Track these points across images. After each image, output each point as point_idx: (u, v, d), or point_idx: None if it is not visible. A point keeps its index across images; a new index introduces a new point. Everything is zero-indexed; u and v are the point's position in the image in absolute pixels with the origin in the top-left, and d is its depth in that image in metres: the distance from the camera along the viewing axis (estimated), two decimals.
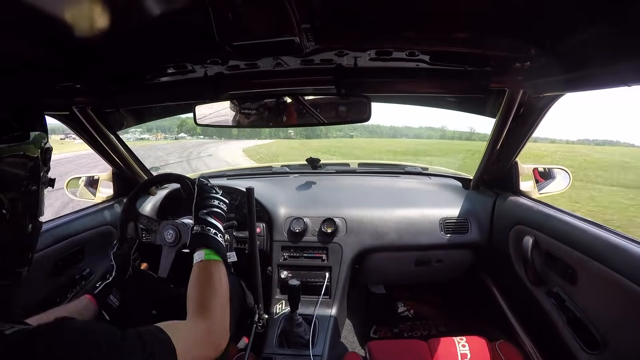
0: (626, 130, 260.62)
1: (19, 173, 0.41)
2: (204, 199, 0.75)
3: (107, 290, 0.78)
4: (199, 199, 0.75)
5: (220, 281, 0.62)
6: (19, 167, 0.41)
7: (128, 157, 1.28)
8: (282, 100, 0.91)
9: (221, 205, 0.76)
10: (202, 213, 0.72)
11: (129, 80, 0.90)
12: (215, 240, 0.67)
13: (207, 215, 0.71)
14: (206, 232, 0.68)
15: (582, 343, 0.76)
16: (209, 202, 0.74)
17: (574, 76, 0.61)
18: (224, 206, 0.77)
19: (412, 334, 1.51)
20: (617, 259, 0.67)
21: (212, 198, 0.75)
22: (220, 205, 0.76)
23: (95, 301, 0.75)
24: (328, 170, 1.64)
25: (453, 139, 69.20)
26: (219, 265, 0.64)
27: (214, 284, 0.61)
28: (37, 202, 0.45)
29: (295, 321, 1.04)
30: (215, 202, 0.75)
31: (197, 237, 0.67)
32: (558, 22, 0.57)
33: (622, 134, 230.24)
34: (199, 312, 0.56)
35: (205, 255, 0.64)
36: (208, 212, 0.72)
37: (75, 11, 0.52)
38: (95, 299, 0.75)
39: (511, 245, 1.08)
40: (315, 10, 0.55)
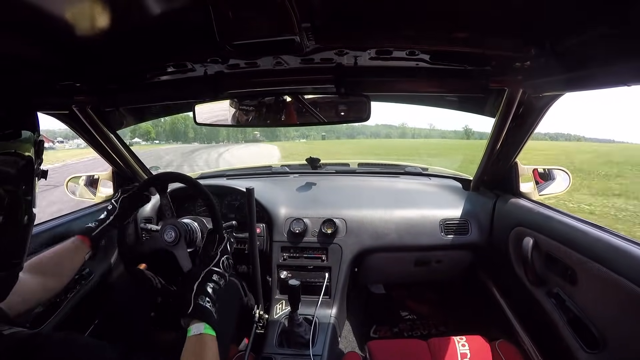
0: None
1: (14, 168, 0.42)
2: (216, 272, 0.72)
3: (103, 233, 0.79)
4: (212, 269, 0.72)
5: (212, 357, 0.60)
6: (14, 162, 0.42)
7: (128, 157, 1.28)
8: (282, 100, 0.91)
9: (223, 285, 0.73)
10: (208, 285, 0.69)
11: (128, 79, 0.90)
12: (213, 316, 0.65)
13: (211, 289, 0.69)
14: (207, 305, 0.65)
15: (582, 342, 0.76)
16: (217, 279, 0.71)
17: (573, 76, 0.61)
18: (224, 284, 0.74)
19: (411, 333, 1.51)
20: (617, 261, 0.67)
21: (222, 276, 0.72)
22: (222, 285, 0.73)
23: (89, 242, 0.76)
24: (328, 170, 1.64)
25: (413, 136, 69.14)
26: (213, 341, 0.62)
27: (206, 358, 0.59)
28: (31, 194, 0.45)
29: (296, 321, 1.04)
30: (221, 282, 0.72)
31: (198, 308, 0.64)
32: (558, 22, 0.57)
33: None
34: None
35: (204, 329, 0.62)
36: (212, 288, 0.69)
37: (75, 10, 0.52)
38: (89, 240, 0.76)
39: (511, 247, 1.08)
40: (316, 10, 0.55)
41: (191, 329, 0.62)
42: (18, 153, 0.42)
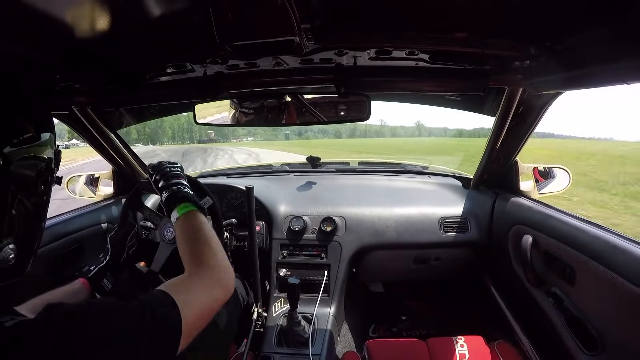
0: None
1: (33, 173, 0.42)
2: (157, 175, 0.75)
3: (101, 273, 0.79)
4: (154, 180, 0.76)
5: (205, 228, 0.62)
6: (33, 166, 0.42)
7: (128, 156, 1.28)
8: (282, 100, 0.91)
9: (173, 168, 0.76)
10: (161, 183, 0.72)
11: (128, 79, 0.90)
12: (182, 192, 0.67)
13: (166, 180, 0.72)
14: (173, 191, 0.68)
15: (581, 343, 0.76)
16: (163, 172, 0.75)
17: (573, 74, 0.61)
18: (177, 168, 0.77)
19: (410, 333, 1.52)
20: (616, 260, 0.67)
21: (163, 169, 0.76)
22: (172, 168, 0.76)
23: (89, 284, 0.75)
24: (328, 168, 1.64)
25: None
26: (197, 214, 0.64)
27: (200, 231, 0.60)
28: (47, 200, 0.46)
29: (295, 319, 1.05)
30: (166, 169, 0.75)
31: (167, 200, 0.68)
32: (558, 21, 0.57)
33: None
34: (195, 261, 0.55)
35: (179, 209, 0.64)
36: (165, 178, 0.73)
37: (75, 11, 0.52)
38: (88, 282, 0.76)
39: (510, 245, 1.08)
40: (315, 10, 0.55)
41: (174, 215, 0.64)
42: (37, 157, 0.42)
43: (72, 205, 1.23)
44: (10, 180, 0.39)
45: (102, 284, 0.77)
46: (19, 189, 0.40)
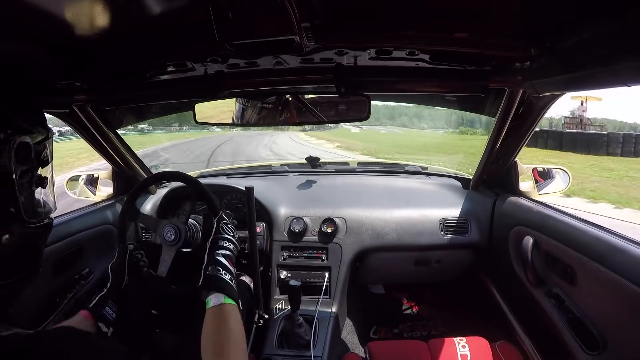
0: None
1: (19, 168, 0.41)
2: (220, 238, 0.71)
3: (103, 302, 0.77)
4: (216, 236, 0.72)
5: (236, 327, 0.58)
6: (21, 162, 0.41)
7: (128, 156, 1.28)
8: (282, 99, 0.91)
9: (234, 250, 0.72)
10: (217, 254, 0.68)
11: (129, 78, 0.90)
12: (229, 284, 0.63)
13: (221, 257, 0.67)
14: (221, 275, 0.64)
15: (582, 344, 0.76)
16: (225, 244, 0.70)
17: (573, 76, 0.61)
18: (236, 250, 0.73)
19: (412, 334, 1.51)
20: (616, 260, 0.67)
21: (228, 240, 0.72)
22: (234, 250, 0.72)
23: (91, 315, 0.73)
24: (328, 169, 1.64)
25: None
26: (234, 310, 0.60)
27: (230, 330, 0.57)
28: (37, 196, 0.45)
29: (296, 321, 1.04)
30: (230, 246, 0.71)
31: (211, 279, 0.63)
32: (558, 22, 0.57)
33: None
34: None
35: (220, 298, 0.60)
36: (224, 255, 0.68)
37: (76, 9, 0.52)
38: (90, 313, 0.73)
39: (511, 246, 1.08)
40: (316, 10, 0.55)
41: (209, 301, 0.60)
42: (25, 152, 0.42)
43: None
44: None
45: (104, 312, 0.75)
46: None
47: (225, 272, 0.65)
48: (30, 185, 0.44)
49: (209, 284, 0.62)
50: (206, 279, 0.63)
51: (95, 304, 0.76)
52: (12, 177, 0.41)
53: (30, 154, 0.44)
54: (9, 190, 0.41)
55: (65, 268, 1.02)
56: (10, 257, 0.41)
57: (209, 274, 0.64)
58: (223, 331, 0.56)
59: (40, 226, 0.46)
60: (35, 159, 0.45)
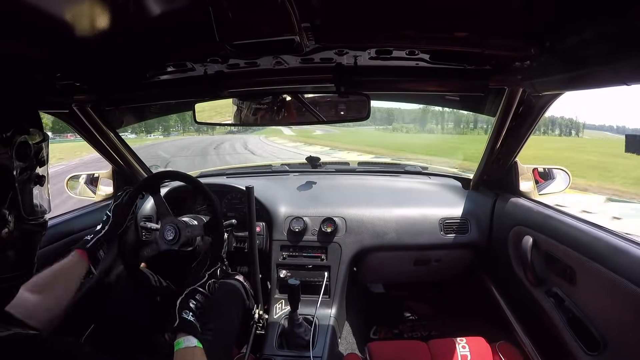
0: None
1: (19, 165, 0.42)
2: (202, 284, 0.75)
3: (99, 244, 0.78)
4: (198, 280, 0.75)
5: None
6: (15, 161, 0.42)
7: (128, 155, 1.28)
8: (282, 98, 0.91)
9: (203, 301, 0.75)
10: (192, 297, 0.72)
11: (129, 78, 0.90)
12: (197, 328, 0.68)
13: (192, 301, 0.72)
14: (190, 319, 0.68)
15: (582, 344, 0.76)
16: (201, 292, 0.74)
17: (573, 75, 0.61)
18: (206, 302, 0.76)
19: (412, 334, 1.51)
20: (616, 260, 0.67)
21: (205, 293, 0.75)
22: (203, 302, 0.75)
23: (87, 255, 0.75)
24: (328, 169, 1.64)
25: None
26: (202, 354, 0.64)
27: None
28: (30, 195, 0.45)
29: (296, 321, 1.04)
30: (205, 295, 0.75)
31: (184, 322, 0.67)
32: (558, 21, 0.57)
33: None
34: None
35: (190, 342, 0.64)
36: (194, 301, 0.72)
37: (75, 10, 0.52)
38: (86, 254, 0.75)
39: (511, 246, 1.08)
40: (316, 10, 0.55)
41: (178, 343, 0.63)
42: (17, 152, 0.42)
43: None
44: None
45: (98, 255, 0.76)
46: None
47: (194, 317, 0.69)
48: (29, 183, 0.45)
49: (181, 326, 0.66)
50: (181, 321, 0.67)
51: (93, 244, 0.77)
52: (12, 174, 0.42)
53: (29, 152, 0.45)
54: (9, 185, 0.41)
55: None
56: (7, 253, 0.42)
57: (182, 316, 0.68)
58: None
59: (36, 224, 0.47)
60: (34, 158, 0.46)
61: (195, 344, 0.63)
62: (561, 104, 3.47)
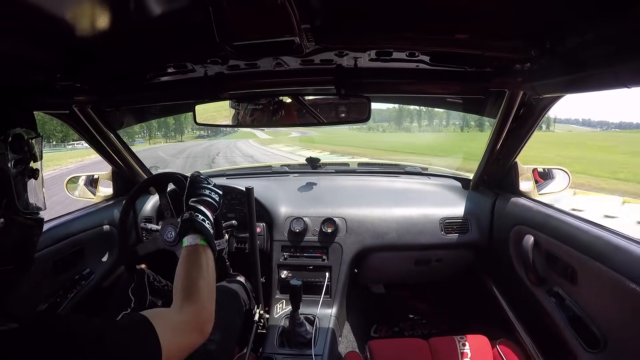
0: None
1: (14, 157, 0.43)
2: (195, 189, 0.75)
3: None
4: (190, 190, 0.75)
5: (207, 266, 0.63)
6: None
7: (128, 157, 1.28)
8: (282, 100, 0.91)
9: (213, 195, 0.75)
10: (192, 201, 0.72)
11: (129, 79, 0.90)
12: (203, 225, 0.68)
13: (196, 203, 0.72)
14: (194, 218, 0.68)
15: (583, 342, 0.76)
16: (200, 192, 0.74)
17: (574, 77, 0.61)
18: (216, 196, 0.76)
19: (412, 332, 1.51)
20: (617, 259, 0.67)
21: (204, 188, 0.75)
22: (212, 195, 0.75)
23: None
24: (328, 170, 1.64)
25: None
26: (206, 250, 0.65)
27: (201, 268, 0.61)
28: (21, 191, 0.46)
29: (297, 320, 1.04)
30: (206, 192, 0.75)
31: (186, 222, 0.68)
32: (558, 23, 0.57)
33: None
34: (186, 297, 0.56)
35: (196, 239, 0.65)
36: (198, 200, 0.72)
37: (76, 11, 0.52)
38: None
39: (511, 246, 1.08)
40: (316, 11, 0.55)
41: (185, 241, 0.65)
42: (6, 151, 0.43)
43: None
44: None
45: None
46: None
47: (198, 214, 0.69)
48: (23, 176, 0.46)
49: (185, 228, 0.67)
50: (182, 224, 0.68)
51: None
52: (7, 165, 0.43)
53: (23, 146, 0.45)
54: (4, 177, 0.42)
55: (66, 268, 1.02)
56: (4, 244, 0.43)
57: (184, 219, 0.69)
58: (194, 268, 0.61)
59: (32, 219, 0.47)
60: (28, 152, 0.47)
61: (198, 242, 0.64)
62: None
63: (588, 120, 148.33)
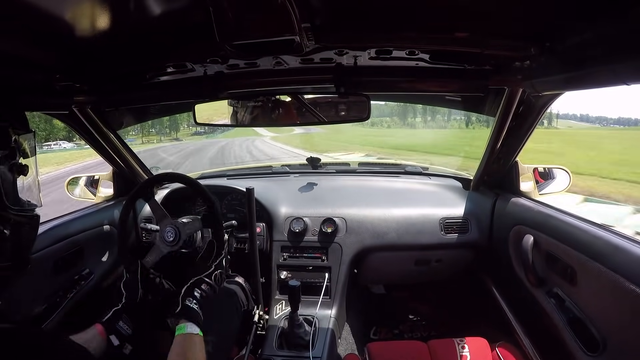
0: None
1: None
2: (209, 274, 0.78)
3: (117, 316, 0.77)
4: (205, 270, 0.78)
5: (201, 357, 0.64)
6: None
7: (128, 157, 1.28)
8: (282, 99, 0.91)
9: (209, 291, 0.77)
10: (198, 286, 0.74)
11: (129, 79, 0.90)
12: (200, 316, 0.70)
13: (197, 290, 0.73)
14: (193, 306, 0.70)
15: (582, 344, 0.76)
16: (207, 282, 0.76)
17: (573, 75, 0.61)
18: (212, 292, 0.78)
19: (412, 335, 1.51)
20: (617, 260, 0.67)
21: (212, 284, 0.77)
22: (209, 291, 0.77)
23: (103, 329, 0.74)
24: (328, 170, 1.64)
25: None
26: (201, 340, 0.66)
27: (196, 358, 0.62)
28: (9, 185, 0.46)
29: (296, 322, 1.04)
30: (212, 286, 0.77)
31: (186, 308, 0.69)
32: (557, 22, 0.57)
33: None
34: None
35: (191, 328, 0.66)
36: (199, 290, 0.74)
37: (75, 11, 0.52)
38: (103, 327, 0.74)
39: (511, 246, 1.08)
40: (316, 10, 0.55)
41: (180, 328, 0.65)
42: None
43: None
44: None
45: (118, 327, 0.76)
46: None
47: (197, 305, 0.71)
48: (11, 172, 0.45)
49: (183, 312, 0.68)
50: (183, 308, 0.69)
51: (109, 318, 0.77)
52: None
53: (9, 140, 0.45)
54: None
55: (65, 268, 1.02)
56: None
57: (185, 303, 0.70)
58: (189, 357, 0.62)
59: (24, 216, 0.46)
60: (16, 147, 0.46)
61: (197, 332, 0.65)
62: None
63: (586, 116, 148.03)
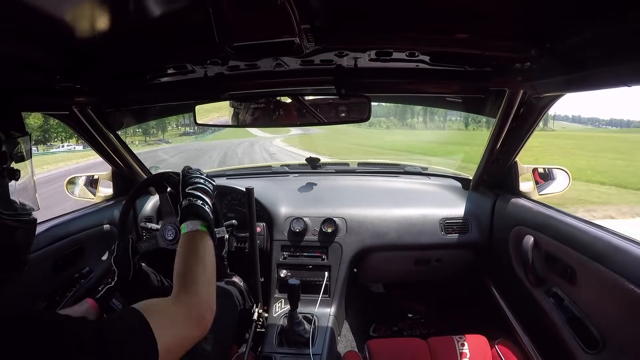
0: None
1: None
2: (189, 179, 0.74)
3: (109, 294, 0.78)
4: (184, 180, 0.74)
5: (206, 253, 0.60)
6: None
7: (128, 157, 1.28)
8: (282, 101, 0.91)
9: (207, 184, 0.74)
10: (188, 189, 0.71)
11: (129, 80, 0.90)
12: (203, 209, 0.66)
13: (193, 190, 0.70)
14: (193, 203, 0.67)
15: (581, 342, 0.76)
16: (194, 180, 0.73)
17: (574, 76, 0.61)
18: (210, 185, 0.75)
19: (411, 332, 1.52)
20: (616, 260, 0.68)
21: (197, 177, 0.74)
22: (206, 183, 0.74)
23: (97, 305, 0.74)
24: (328, 170, 1.64)
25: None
26: (205, 237, 0.63)
27: (200, 255, 0.59)
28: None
29: (295, 320, 1.05)
30: (200, 180, 0.74)
31: (185, 208, 0.67)
32: (558, 23, 0.57)
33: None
34: (184, 286, 0.54)
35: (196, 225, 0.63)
36: (194, 187, 0.71)
37: (76, 11, 0.52)
38: (97, 303, 0.74)
39: (511, 246, 1.08)
40: (316, 11, 0.55)
41: (184, 227, 0.64)
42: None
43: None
44: None
45: (111, 304, 0.76)
46: None
47: (197, 199, 0.68)
48: (1, 177, 0.44)
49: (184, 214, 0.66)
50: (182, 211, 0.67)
51: (102, 295, 0.77)
52: None
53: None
54: None
55: (66, 267, 1.03)
56: None
57: (183, 205, 0.67)
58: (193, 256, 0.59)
59: (18, 220, 0.45)
60: (7, 152, 0.45)
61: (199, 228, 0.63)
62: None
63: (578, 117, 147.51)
